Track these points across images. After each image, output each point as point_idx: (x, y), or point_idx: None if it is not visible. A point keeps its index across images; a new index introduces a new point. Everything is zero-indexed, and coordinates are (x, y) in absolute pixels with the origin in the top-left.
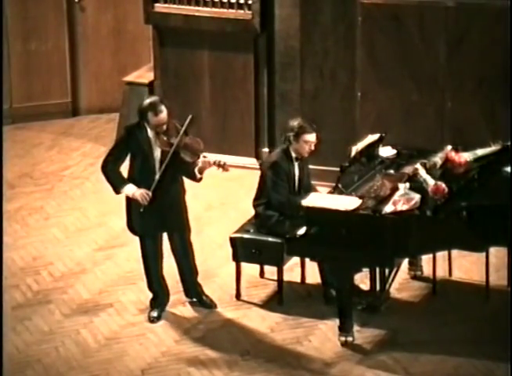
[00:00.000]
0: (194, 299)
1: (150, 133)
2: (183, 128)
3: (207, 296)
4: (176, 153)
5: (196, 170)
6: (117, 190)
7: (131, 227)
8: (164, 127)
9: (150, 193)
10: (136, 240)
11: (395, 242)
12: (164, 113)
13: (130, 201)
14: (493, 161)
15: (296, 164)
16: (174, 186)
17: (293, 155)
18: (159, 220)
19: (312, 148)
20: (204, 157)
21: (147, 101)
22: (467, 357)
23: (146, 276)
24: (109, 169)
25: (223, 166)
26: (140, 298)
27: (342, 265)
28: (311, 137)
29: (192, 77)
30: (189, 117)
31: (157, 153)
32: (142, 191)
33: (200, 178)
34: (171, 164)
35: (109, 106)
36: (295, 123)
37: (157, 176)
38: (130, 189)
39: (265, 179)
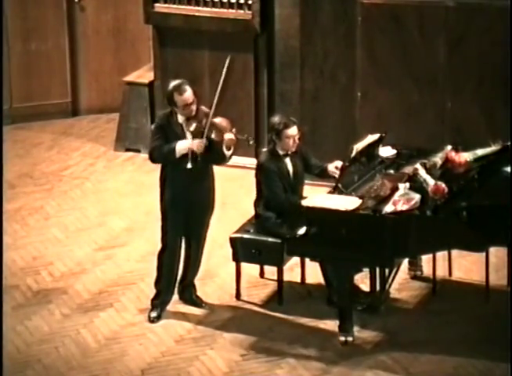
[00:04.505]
0: (187, 300)
1: (181, 119)
2: (221, 78)
3: (197, 296)
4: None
5: (223, 148)
6: (174, 155)
7: (162, 201)
8: (193, 110)
9: (205, 140)
10: (136, 240)
11: (395, 242)
12: (188, 92)
13: (165, 178)
14: (493, 161)
15: (287, 161)
16: (207, 182)
17: (281, 153)
18: (184, 221)
19: (297, 141)
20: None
21: (171, 84)
22: (467, 357)
23: (157, 271)
24: (158, 154)
25: (246, 139)
26: (140, 298)
27: (342, 265)
28: (292, 131)
29: (192, 77)
30: (228, 58)
31: (189, 139)
32: (197, 140)
33: (230, 157)
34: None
35: (110, 106)
36: (274, 121)
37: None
38: (184, 144)
39: (259, 181)
